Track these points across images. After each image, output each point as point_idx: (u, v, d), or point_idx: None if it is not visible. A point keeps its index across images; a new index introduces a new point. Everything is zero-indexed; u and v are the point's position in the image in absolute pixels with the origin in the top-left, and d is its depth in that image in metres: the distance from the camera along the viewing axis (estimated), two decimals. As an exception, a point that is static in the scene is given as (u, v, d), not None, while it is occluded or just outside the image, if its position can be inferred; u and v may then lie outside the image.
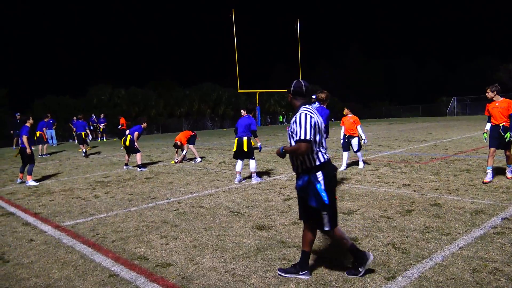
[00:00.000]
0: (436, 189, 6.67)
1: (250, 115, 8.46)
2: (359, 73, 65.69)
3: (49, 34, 74.19)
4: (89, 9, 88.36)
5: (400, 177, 7.93)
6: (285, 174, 9.01)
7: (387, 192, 6.69)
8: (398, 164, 9.64)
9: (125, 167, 11.54)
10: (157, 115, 39.15)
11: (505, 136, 6.84)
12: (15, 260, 4.31)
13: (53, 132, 21.99)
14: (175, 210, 6.17)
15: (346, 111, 9.41)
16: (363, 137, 9.24)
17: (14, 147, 21.71)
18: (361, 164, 9.38)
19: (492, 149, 7.07)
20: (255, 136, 8.40)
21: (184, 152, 12.58)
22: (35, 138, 17.26)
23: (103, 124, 27.31)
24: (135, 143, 11.27)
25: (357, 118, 9.34)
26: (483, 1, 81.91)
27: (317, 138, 3.35)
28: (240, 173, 8.39)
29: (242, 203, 6.40)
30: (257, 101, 36.57)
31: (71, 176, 10.58)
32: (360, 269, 3.43)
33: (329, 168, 3.40)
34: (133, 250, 4.43)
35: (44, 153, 17.11)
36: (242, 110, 8.49)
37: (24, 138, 9.25)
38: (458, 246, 4.02)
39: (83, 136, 16.82)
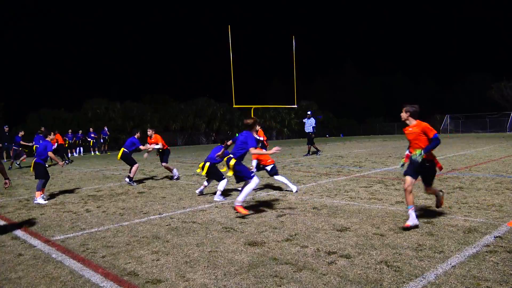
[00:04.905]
0: (429, 207, 6.67)
1: (223, 145, 8.40)
2: (354, 90, 66.21)
3: (43, 47, 74.35)
4: (84, 22, 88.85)
5: (394, 194, 7.93)
6: (278, 190, 8.98)
7: (381, 209, 6.68)
8: (392, 181, 9.65)
9: (127, 179, 11.17)
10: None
11: (413, 155, 5.39)
12: (2, 275, 4.23)
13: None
14: (167, 225, 6.12)
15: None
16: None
17: (5, 159, 21.53)
18: (294, 188, 8.68)
19: (408, 178, 5.47)
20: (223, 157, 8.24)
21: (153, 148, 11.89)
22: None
23: (92, 138, 27.37)
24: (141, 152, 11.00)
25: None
26: (477, 20, 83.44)
27: None
28: (204, 186, 8.73)
29: (234, 219, 6.36)
30: (252, 117, 36.70)
31: (63, 189, 10.48)
32: None
33: None
34: (123, 265, 4.36)
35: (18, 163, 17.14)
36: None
37: (51, 154, 9.04)
38: (451, 264, 4.00)
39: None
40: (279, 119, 48.99)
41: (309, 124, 18.92)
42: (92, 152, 27.79)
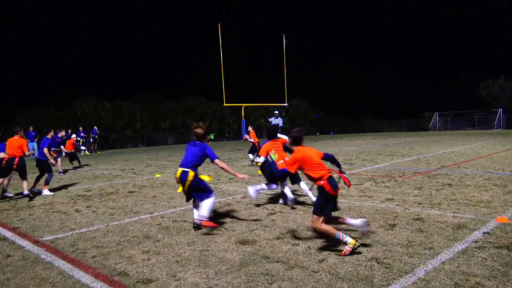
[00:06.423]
0: (419, 204, 6.73)
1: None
2: (346, 89, 66.57)
3: (32, 46, 73.55)
4: (75, 21, 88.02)
5: (384, 192, 7.98)
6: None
7: (371, 206, 6.72)
8: (382, 179, 9.71)
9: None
10: (142, 128, 38.93)
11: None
12: (-10, 276, 4.18)
13: (34, 145, 21.71)
14: (157, 225, 6.09)
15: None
16: None
17: None
18: None
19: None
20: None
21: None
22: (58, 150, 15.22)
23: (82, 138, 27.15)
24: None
25: None
26: (467, 20, 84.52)
27: None
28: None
29: (225, 218, 6.35)
30: (243, 115, 36.61)
31: (52, 189, 10.37)
32: None
33: None
34: (113, 265, 4.33)
35: (61, 170, 14.43)
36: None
37: (45, 150, 9.59)
38: (440, 260, 4.04)
39: None
40: (269, 117, 49.07)
41: (276, 123, 19.21)
42: (82, 152, 27.53)
